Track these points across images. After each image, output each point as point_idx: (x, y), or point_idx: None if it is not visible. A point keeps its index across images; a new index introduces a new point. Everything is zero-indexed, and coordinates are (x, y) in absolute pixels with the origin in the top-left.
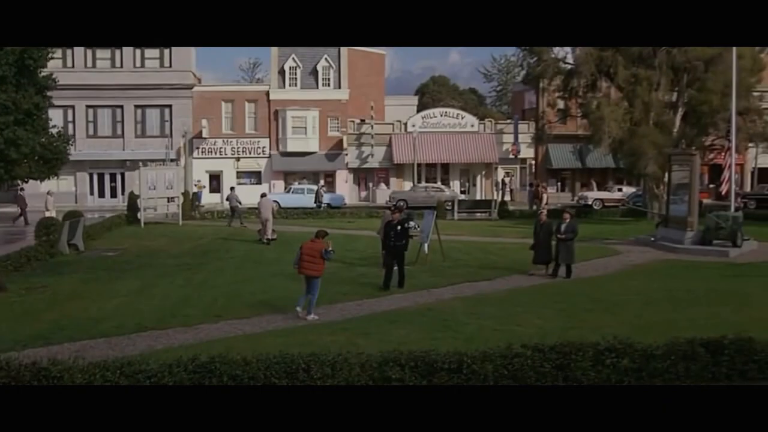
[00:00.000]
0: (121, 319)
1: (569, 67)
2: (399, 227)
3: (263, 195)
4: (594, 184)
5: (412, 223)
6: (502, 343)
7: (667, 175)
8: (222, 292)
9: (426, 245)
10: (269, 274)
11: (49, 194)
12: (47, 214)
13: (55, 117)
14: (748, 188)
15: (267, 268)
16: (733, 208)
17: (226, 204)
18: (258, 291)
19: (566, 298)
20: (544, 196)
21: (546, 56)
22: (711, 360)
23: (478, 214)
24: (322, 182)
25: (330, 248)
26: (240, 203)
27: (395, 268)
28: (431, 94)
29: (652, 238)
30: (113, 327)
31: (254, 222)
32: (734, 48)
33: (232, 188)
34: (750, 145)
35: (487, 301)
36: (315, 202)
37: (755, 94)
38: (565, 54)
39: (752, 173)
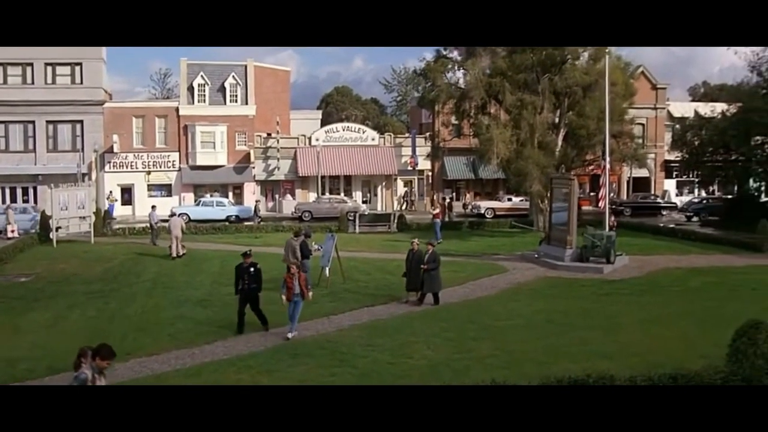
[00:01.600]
0: (33, 360)
1: (461, 91)
2: (252, 269)
3: (173, 214)
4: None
5: (315, 246)
6: (395, 378)
7: (549, 195)
8: (132, 325)
9: (327, 268)
10: (178, 301)
11: None
12: None
13: None
14: (624, 196)
15: (176, 294)
16: (607, 228)
17: (143, 218)
18: (167, 322)
19: (455, 325)
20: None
21: (439, 81)
22: None
23: (379, 228)
24: (258, 196)
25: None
26: (157, 222)
27: (256, 312)
28: (335, 104)
29: (536, 255)
30: (25, 370)
31: (166, 239)
32: (607, 75)
33: (153, 207)
34: (623, 164)
35: (383, 330)
36: (254, 214)
37: (627, 117)
38: (457, 79)
39: (628, 182)
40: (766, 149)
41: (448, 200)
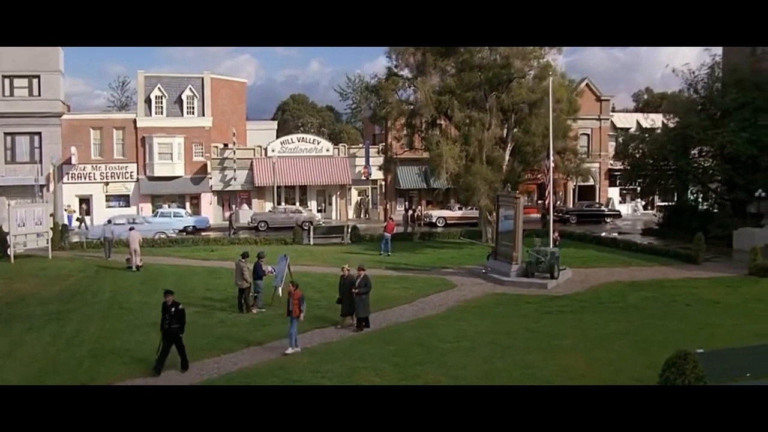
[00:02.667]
0: None
1: (412, 108)
2: (173, 309)
3: (131, 228)
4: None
5: (269, 267)
6: None
7: (496, 209)
8: (87, 351)
9: (280, 288)
10: (134, 325)
11: None
12: None
13: None
14: (570, 204)
15: (132, 317)
16: (551, 242)
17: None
18: (122, 348)
19: (402, 348)
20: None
21: (390, 99)
22: None
23: (333, 239)
24: (234, 207)
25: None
26: (113, 235)
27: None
28: (291, 111)
29: (483, 270)
30: None
31: (123, 252)
32: (550, 93)
33: (109, 221)
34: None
35: (332, 355)
36: (229, 227)
37: (571, 134)
38: (408, 96)
39: (574, 191)
40: (702, 162)
41: (411, 212)
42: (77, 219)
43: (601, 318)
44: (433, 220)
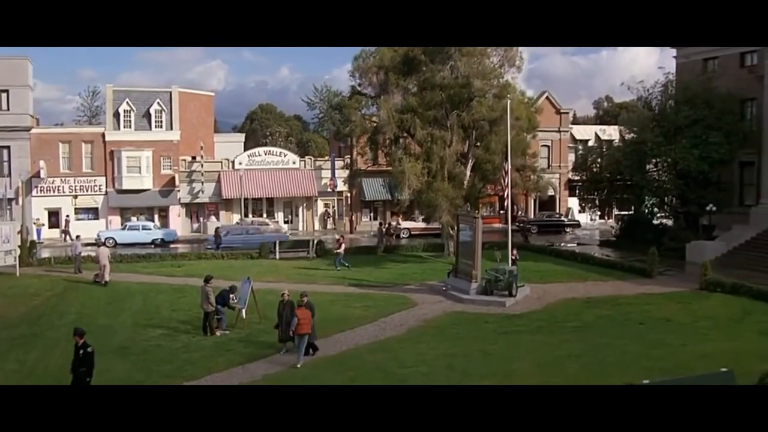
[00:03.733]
0: None
1: (375, 125)
2: (81, 351)
3: (101, 244)
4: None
5: (233, 298)
6: None
7: (456, 228)
8: (52, 379)
9: (243, 311)
10: (98, 351)
11: None
12: None
13: None
14: (531, 215)
15: (97, 341)
16: (509, 260)
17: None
18: None
19: (362, 374)
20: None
21: (354, 117)
22: None
23: (299, 253)
24: (219, 223)
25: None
26: (80, 252)
27: None
28: (260, 120)
29: (444, 287)
30: None
31: (93, 268)
32: (509, 114)
33: (77, 236)
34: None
35: (293, 383)
36: (215, 243)
37: (530, 151)
38: (371, 114)
39: (535, 201)
40: (657, 177)
41: (387, 225)
42: (62, 231)
43: (556, 338)
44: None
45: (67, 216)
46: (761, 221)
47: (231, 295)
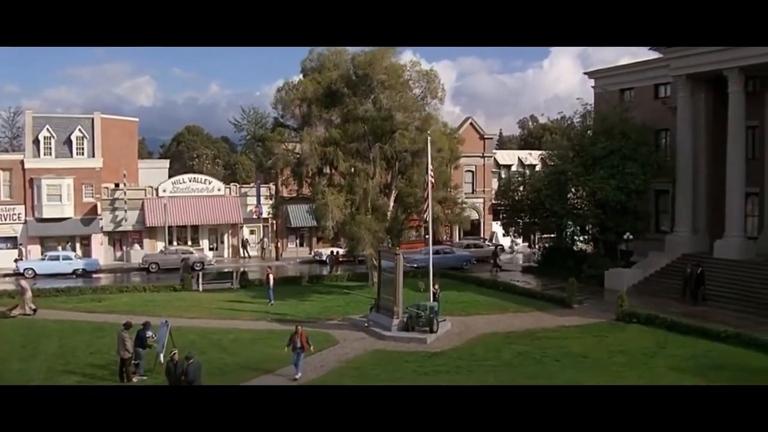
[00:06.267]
0: None
1: (298, 158)
2: None
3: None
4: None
5: (149, 333)
6: None
7: (377, 263)
8: None
9: (162, 355)
10: None
11: None
12: None
13: None
14: (457, 238)
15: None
16: (431, 295)
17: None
18: None
19: None
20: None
21: (276, 150)
22: None
23: (223, 284)
24: (193, 252)
25: None
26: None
27: None
28: (186, 142)
29: (366, 323)
30: None
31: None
32: (429, 143)
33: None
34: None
35: None
36: (183, 271)
37: (452, 183)
38: (294, 146)
39: (459, 226)
40: (577, 206)
41: (336, 252)
42: (15, 260)
43: (474, 379)
44: (323, 258)
45: None
46: (675, 249)
47: (148, 333)
